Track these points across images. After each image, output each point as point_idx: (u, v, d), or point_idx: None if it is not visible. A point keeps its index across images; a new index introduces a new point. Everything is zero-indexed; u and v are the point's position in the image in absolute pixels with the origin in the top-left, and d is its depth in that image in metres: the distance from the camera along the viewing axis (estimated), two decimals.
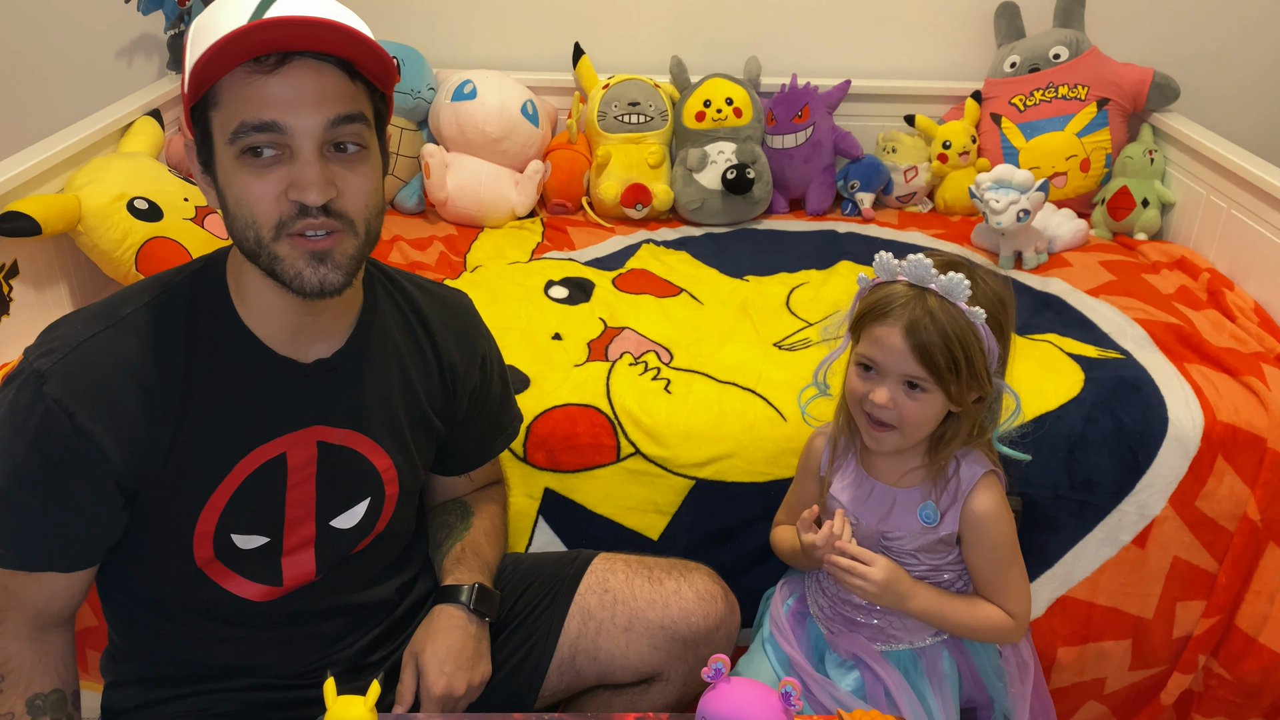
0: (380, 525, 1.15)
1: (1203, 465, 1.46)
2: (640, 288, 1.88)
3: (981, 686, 1.29)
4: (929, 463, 1.21)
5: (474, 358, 1.21)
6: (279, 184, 0.91)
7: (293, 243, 0.92)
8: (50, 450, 0.94)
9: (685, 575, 1.25)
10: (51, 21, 2.42)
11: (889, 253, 1.18)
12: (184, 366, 0.99)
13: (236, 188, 0.92)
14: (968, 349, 1.12)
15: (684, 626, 1.21)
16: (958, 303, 1.11)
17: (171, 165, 1.98)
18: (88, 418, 0.94)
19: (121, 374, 0.96)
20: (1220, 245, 1.97)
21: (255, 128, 0.89)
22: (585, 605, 1.24)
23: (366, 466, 1.10)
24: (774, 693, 0.90)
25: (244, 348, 1.01)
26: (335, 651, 1.15)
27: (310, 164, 0.90)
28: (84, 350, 0.96)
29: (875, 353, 1.15)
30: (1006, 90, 2.30)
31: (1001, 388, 1.19)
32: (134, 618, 1.12)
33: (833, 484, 1.27)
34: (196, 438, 0.99)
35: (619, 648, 1.22)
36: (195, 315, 1.00)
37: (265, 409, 1.02)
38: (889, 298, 1.15)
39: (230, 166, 0.91)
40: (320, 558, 1.10)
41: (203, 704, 1.10)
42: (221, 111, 0.91)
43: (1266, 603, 1.49)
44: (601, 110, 2.25)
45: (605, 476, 1.47)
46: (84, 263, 1.77)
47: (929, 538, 1.21)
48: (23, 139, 1.77)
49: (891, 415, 1.15)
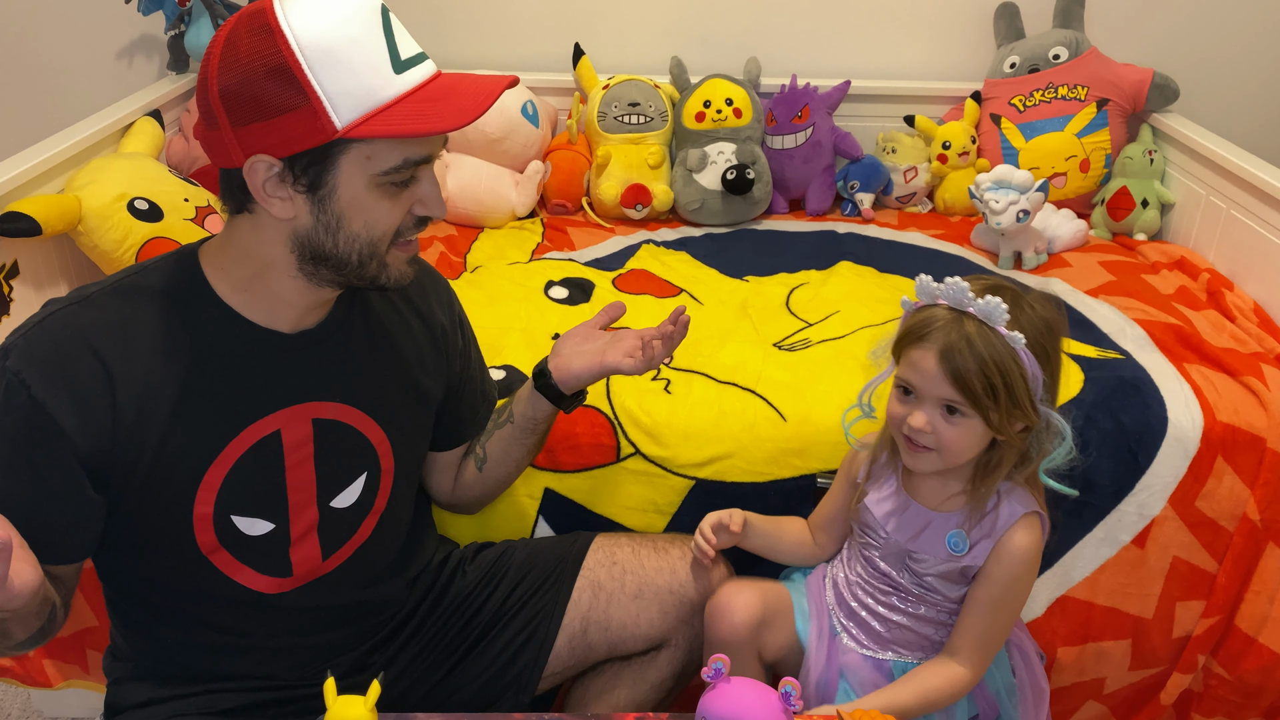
0: (380, 504, 1.15)
1: (1202, 465, 1.46)
2: (640, 288, 1.88)
3: (991, 701, 1.28)
4: (971, 489, 1.20)
5: (453, 318, 1.24)
6: (408, 202, 0.99)
7: (401, 249, 1.02)
8: (12, 426, 0.94)
9: (688, 543, 1.31)
10: (51, 21, 2.42)
11: (929, 275, 1.15)
12: (154, 341, 0.99)
13: (366, 210, 0.97)
14: (1006, 374, 1.10)
15: (692, 590, 1.27)
16: (996, 327, 1.10)
17: (172, 165, 1.98)
18: (44, 389, 0.93)
19: (80, 347, 0.96)
20: (1220, 246, 1.97)
21: (416, 163, 0.96)
22: (595, 578, 1.28)
23: (361, 441, 1.11)
24: (774, 692, 0.90)
25: (224, 324, 1.02)
26: (339, 657, 1.15)
27: (438, 185, 1.01)
28: (44, 325, 0.97)
29: (912, 376, 1.14)
30: (1006, 91, 2.30)
31: (1050, 417, 1.16)
32: (140, 626, 1.12)
33: (868, 494, 1.26)
34: (181, 416, 0.99)
35: (630, 616, 1.26)
36: (169, 293, 1.01)
37: (253, 384, 1.03)
38: (927, 321, 1.13)
39: (362, 192, 0.95)
40: (324, 541, 1.10)
41: (205, 702, 1.11)
42: (370, 148, 0.93)
43: (1266, 603, 1.49)
44: (601, 111, 2.25)
45: (605, 476, 1.47)
46: (84, 263, 1.77)
47: (952, 565, 1.20)
48: (23, 139, 1.76)
49: (929, 439, 1.14)
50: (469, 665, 1.25)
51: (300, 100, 0.89)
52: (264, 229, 0.98)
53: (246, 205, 0.97)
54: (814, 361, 1.59)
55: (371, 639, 1.19)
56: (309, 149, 0.92)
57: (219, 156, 0.95)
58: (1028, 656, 1.31)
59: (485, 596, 1.28)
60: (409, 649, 1.24)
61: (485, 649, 1.25)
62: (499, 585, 1.29)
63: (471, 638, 1.26)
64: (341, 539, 1.12)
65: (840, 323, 1.72)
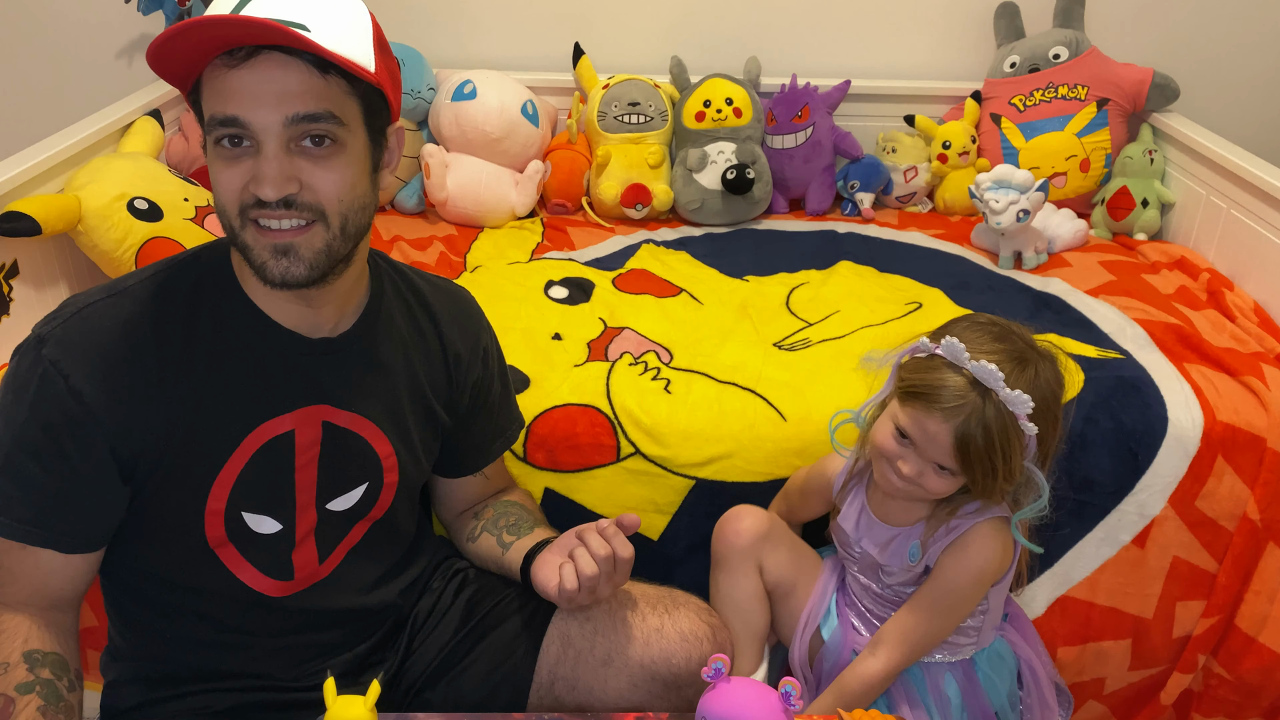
0: (377, 512, 1.15)
1: (1202, 465, 1.46)
2: (640, 288, 1.88)
3: (991, 716, 1.28)
4: (931, 514, 1.21)
5: (476, 349, 1.22)
6: (245, 175, 0.92)
7: (257, 233, 0.94)
8: (48, 413, 0.95)
9: (671, 611, 1.17)
10: (51, 21, 2.42)
11: (960, 343, 1.10)
12: (185, 336, 0.99)
13: (213, 175, 0.95)
14: (1009, 456, 1.10)
15: (664, 668, 1.14)
16: (1017, 415, 1.09)
17: (171, 165, 1.98)
18: (82, 379, 0.94)
19: (118, 338, 0.97)
20: (1220, 245, 1.97)
21: (221, 121, 0.91)
22: (565, 631, 1.18)
23: (368, 452, 1.11)
24: (774, 692, 0.90)
25: (249, 321, 1.02)
26: (336, 655, 1.15)
27: (268, 159, 0.91)
28: (84, 314, 0.97)
29: (917, 435, 1.13)
30: (1006, 90, 2.30)
31: (1032, 475, 1.16)
32: (138, 620, 1.11)
33: (840, 509, 1.29)
34: (203, 410, 1.00)
35: (597, 681, 1.15)
36: (198, 289, 1.01)
37: (273, 384, 1.03)
38: (945, 388, 1.10)
39: (211, 154, 0.94)
40: (320, 544, 1.10)
41: (202, 703, 1.10)
42: (204, 102, 0.93)
43: (1266, 602, 1.49)
44: (601, 110, 2.25)
45: (605, 476, 1.47)
46: (84, 263, 1.77)
47: (914, 573, 1.23)
48: (23, 139, 1.76)
49: (912, 486, 1.15)
50: (466, 669, 1.23)
51: None
52: None
53: None
54: (814, 361, 1.59)
55: (369, 640, 1.18)
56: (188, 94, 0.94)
57: None
58: (1035, 672, 1.31)
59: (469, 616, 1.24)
60: (409, 650, 1.23)
61: (475, 661, 1.23)
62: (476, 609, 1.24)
63: (465, 645, 1.24)
64: (335, 541, 1.12)
65: (840, 322, 1.72)
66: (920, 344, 1.16)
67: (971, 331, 1.14)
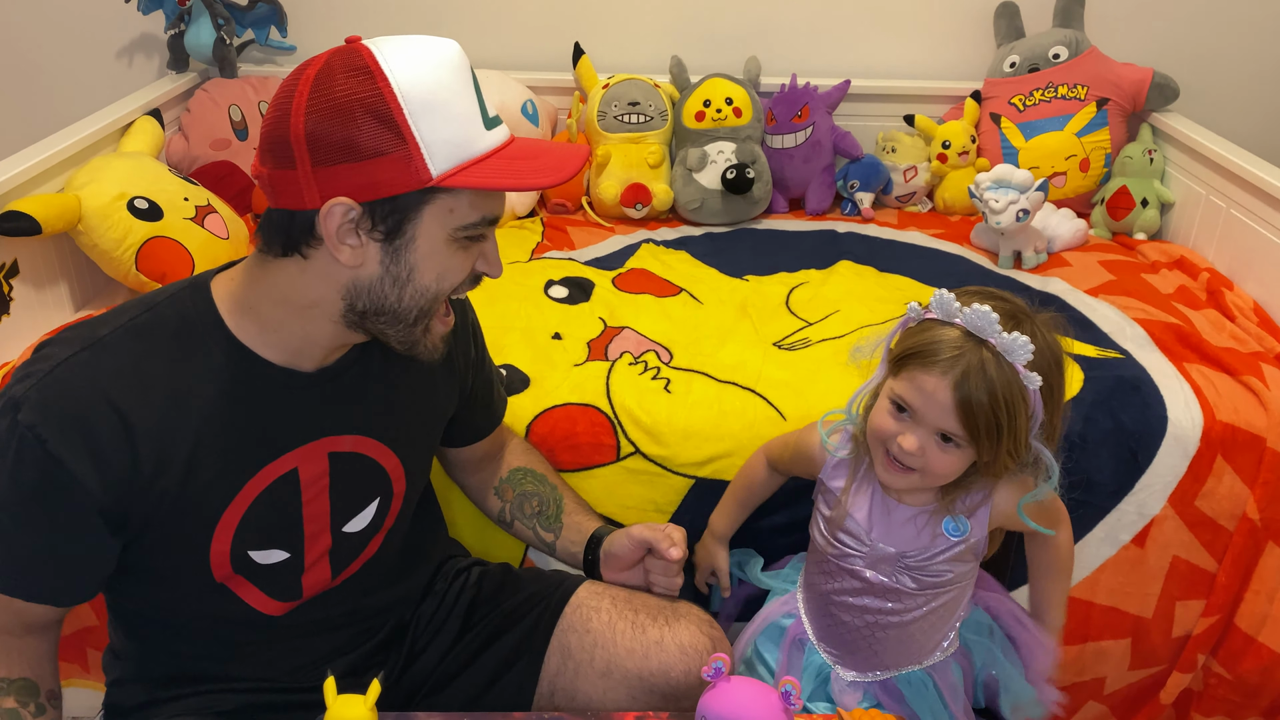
0: (389, 522, 1.15)
1: (1202, 465, 1.46)
2: (640, 287, 1.88)
3: (991, 677, 1.28)
4: (940, 497, 1.16)
5: (465, 326, 1.22)
6: (474, 258, 0.99)
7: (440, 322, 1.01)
8: (27, 478, 0.91)
9: (671, 624, 1.18)
10: (51, 21, 2.42)
11: (949, 292, 1.08)
12: (171, 388, 0.95)
13: (440, 262, 0.95)
14: (1013, 414, 1.04)
15: (662, 681, 1.14)
16: (1016, 364, 1.03)
17: (171, 165, 1.98)
18: (60, 444, 0.90)
19: (96, 398, 0.91)
20: (1220, 245, 1.97)
21: (491, 221, 0.97)
22: (565, 643, 1.19)
23: (376, 469, 1.10)
24: (774, 691, 0.90)
25: (240, 364, 0.98)
26: (339, 657, 1.15)
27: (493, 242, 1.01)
28: (57, 374, 0.92)
29: (914, 399, 1.07)
30: (1006, 90, 2.30)
31: (1040, 454, 1.10)
32: (141, 633, 1.11)
33: (848, 510, 1.22)
34: (199, 460, 0.97)
35: (597, 693, 1.17)
36: (182, 334, 0.97)
37: (270, 425, 1.01)
38: (939, 343, 1.05)
39: (441, 245, 0.94)
40: (334, 563, 1.11)
41: (204, 703, 1.10)
42: (455, 201, 0.92)
43: (1266, 602, 1.49)
44: (601, 110, 2.25)
45: (605, 476, 1.47)
46: (84, 263, 1.77)
47: (960, 547, 1.16)
48: (23, 139, 1.76)
49: (916, 462, 1.09)
50: (468, 680, 1.24)
51: (397, 145, 0.87)
52: (314, 274, 0.94)
53: (301, 248, 0.93)
54: (814, 361, 1.59)
55: (372, 640, 1.18)
56: (395, 195, 0.89)
57: (287, 197, 0.90)
58: (1019, 618, 1.29)
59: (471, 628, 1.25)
60: (411, 656, 1.23)
61: (477, 673, 1.23)
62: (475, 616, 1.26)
63: (465, 656, 1.24)
64: (351, 558, 1.12)
65: (840, 322, 1.72)
66: (910, 311, 1.12)
67: (963, 293, 1.10)
